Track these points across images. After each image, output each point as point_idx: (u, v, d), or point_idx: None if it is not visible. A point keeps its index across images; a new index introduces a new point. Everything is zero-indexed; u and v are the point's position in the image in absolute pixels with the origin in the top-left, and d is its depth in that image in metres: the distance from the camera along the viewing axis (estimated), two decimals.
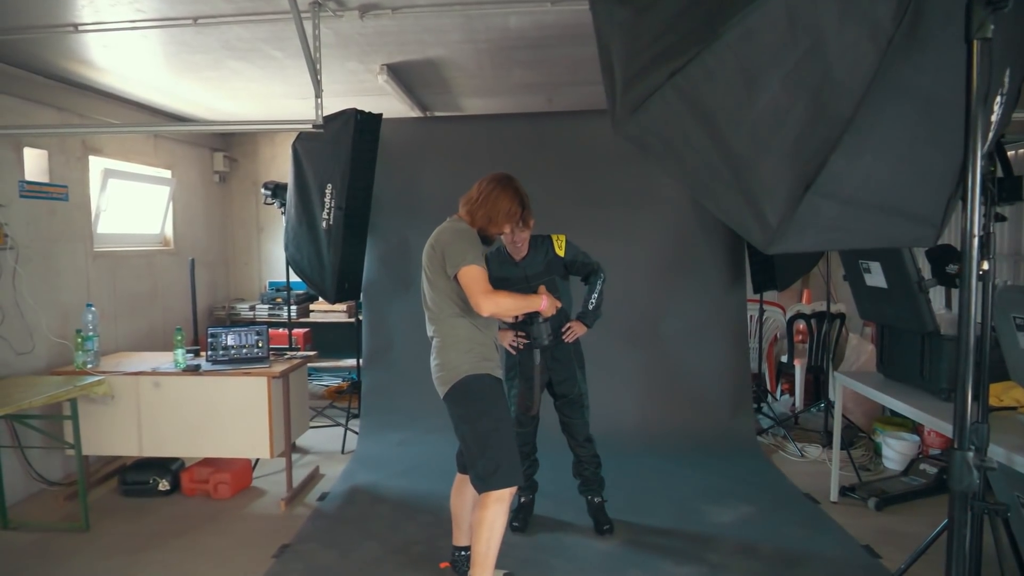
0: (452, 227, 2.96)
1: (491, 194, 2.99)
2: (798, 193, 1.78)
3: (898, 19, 1.58)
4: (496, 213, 2.99)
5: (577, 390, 3.79)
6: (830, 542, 3.72)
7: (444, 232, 2.95)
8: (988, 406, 3.14)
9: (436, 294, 2.93)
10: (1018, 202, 2.52)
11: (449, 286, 2.88)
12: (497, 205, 2.99)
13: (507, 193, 3.01)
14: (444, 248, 2.86)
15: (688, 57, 1.71)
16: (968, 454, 1.54)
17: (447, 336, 2.94)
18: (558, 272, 3.70)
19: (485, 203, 2.98)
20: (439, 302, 2.93)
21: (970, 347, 1.55)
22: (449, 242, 2.87)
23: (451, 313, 2.92)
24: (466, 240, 2.87)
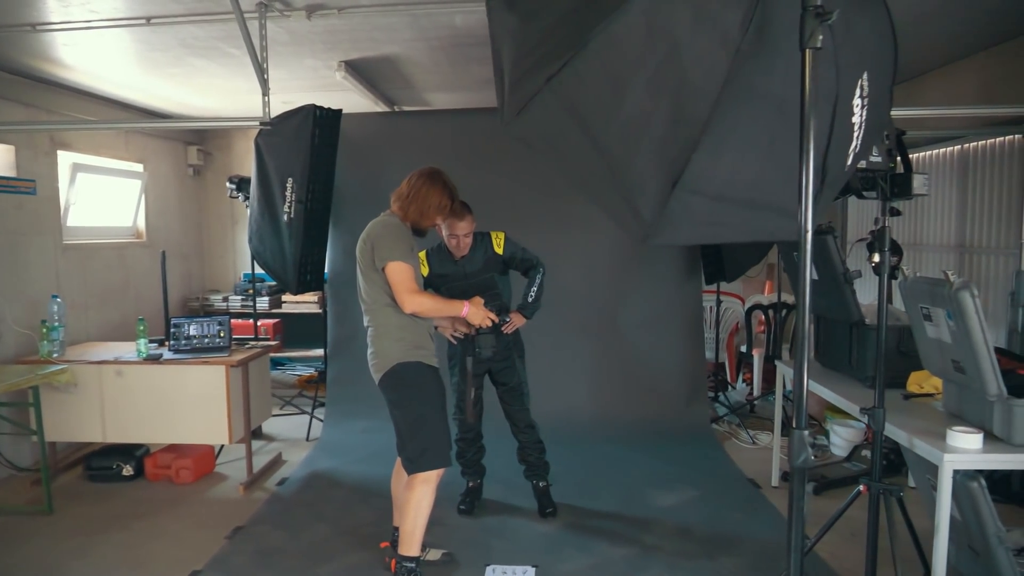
0: (384, 221, 3.09)
1: (421, 189, 3.10)
2: (668, 189, 1.89)
3: (744, 27, 1.69)
4: (427, 207, 3.11)
5: (516, 378, 3.92)
6: (764, 524, 3.85)
7: (376, 226, 3.08)
8: (906, 393, 3.29)
9: (368, 285, 3.07)
10: (909, 198, 2.63)
11: (380, 278, 3.00)
12: (428, 199, 3.10)
13: (436, 187, 3.11)
14: (374, 241, 3.00)
15: (562, 63, 1.83)
16: (804, 433, 1.65)
17: (380, 325, 3.08)
18: (496, 269, 3.83)
19: (416, 198, 3.09)
20: (371, 293, 3.06)
21: (805, 334, 1.67)
22: (379, 235, 3.01)
23: (383, 303, 3.05)
24: (395, 235, 3.01)
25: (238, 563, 3.50)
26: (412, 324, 3.08)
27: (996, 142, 4.67)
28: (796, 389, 1.71)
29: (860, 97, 1.92)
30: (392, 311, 3.04)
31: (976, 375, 2.64)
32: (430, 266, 3.80)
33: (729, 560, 3.47)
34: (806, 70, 1.61)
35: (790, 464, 1.68)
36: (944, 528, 2.52)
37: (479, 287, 3.70)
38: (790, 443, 1.66)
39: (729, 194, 1.92)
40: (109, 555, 3.61)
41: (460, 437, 3.98)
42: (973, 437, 2.55)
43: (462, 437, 4.00)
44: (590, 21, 1.78)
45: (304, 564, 3.45)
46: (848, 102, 1.87)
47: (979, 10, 3.85)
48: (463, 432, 3.99)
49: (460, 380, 3.79)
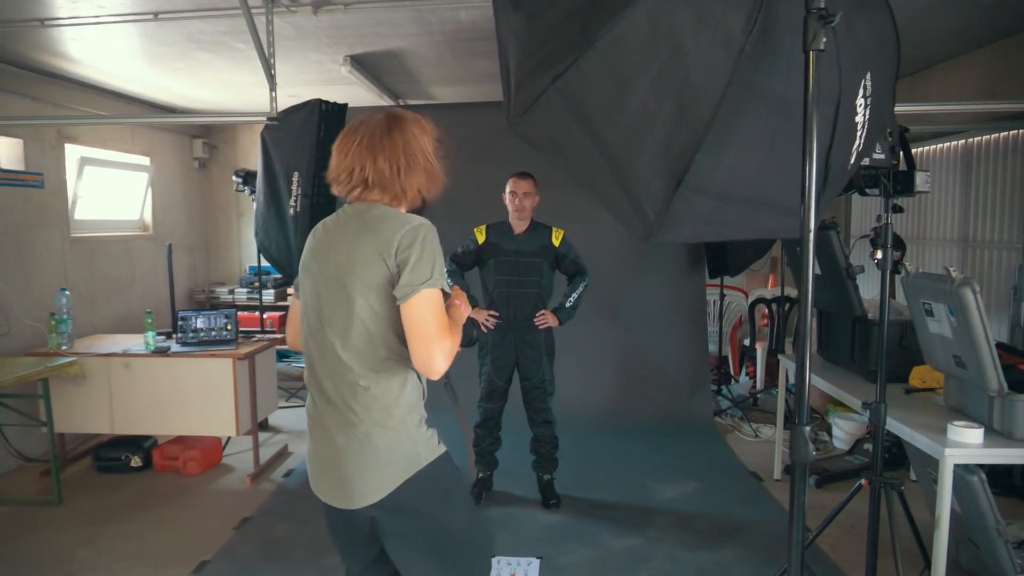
0: (399, 219, 1.82)
1: (412, 144, 1.89)
2: (671, 188, 1.92)
3: (748, 29, 1.71)
4: (430, 164, 1.93)
5: (540, 375, 3.98)
6: (765, 516, 3.89)
7: (389, 225, 1.79)
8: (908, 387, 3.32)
9: (367, 322, 1.78)
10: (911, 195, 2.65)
11: (388, 314, 1.77)
12: (426, 151, 1.94)
13: (419, 126, 1.95)
14: (402, 254, 1.75)
15: (568, 63, 1.85)
16: (806, 429, 1.68)
17: (381, 397, 1.80)
18: (547, 258, 3.96)
19: (412, 165, 1.87)
20: (370, 336, 1.78)
21: (807, 331, 1.69)
22: (414, 244, 1.76)
23: (382, 356, 1.80)
24: (436, 243, 1.81)
25: (246, 553, 3.55)
26: (419, 384, 1.90)
27: (999, 137, 4.68)
28: (798, 384, 1.73)
29: (863, 97, 1.94)
30: (400, 368, 1.82)
31: (977, 370, 2.67)
32: (487, 236, 3.97)
33: (731, 551, 3.50)
34: (809, 72, 1.63)
35: (791, 459, 1.71)
36: (945, 521, 2.55)
37: (528, 267, 3.91)
38: (792, 438, 1.69)
39: (731, 193, 1.95)
40: (118, 545, 3.66)
41: (480, 423, 4.05)
42: (974, 432, 2.58)
43: (482, 424, 4.06)
44: (595, 22, 1.80)
45: (311, 555, 3.50)
46: (851, 102, 1.89)
47: (982, 5, 3.86)
48: (484, 418, 4.05)
49: (492, 370, 3.98)
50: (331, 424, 1.83)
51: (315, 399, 1.88)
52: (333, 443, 1.83)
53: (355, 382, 1.79)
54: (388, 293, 1.76)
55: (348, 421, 1.81)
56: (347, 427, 1.81)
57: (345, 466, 1.83)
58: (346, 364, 1.80)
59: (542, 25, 1.97)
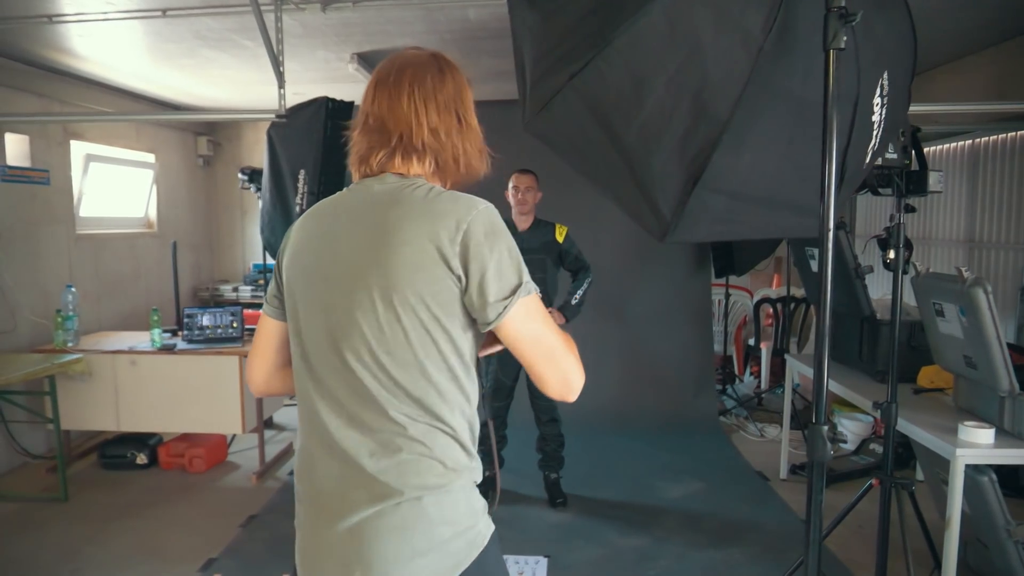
0: (458, 201, 1.29)
1: (462, 100, 1.41)
2: (687, 187, 1.92)
3: (767, 29, 1.71)
4: (474, 132, 1.43)
5: None
6: (772, 516, 3.89)
7: (447, 208, 1.26)
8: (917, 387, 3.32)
9: (418, 344, 1.26)
10: (924, 195, 2.65)
11: (455, 326, 1.28)
12: (471, 109, 1.44)
13: (460, 74, 1.45)
14: (481, 250, 1.24)
15: (584, 61, 1.85)
16: (823, 428, 1.68)
17: (434, 449, 1.29)
18: (551, 255, 3.97)
19: (468, 126, 1.40)
20: (420, 364, 1.27)
21: (826, 330, 1.69)
22: (490, 238, 1.26)
23: (448, 388, 1.30)
24: (509, 236, 1.32)
25: (252, 551, 3.55)
26: (477, 426, 1.43)
27: (1006, 137, 4.68)
28: (816, 384, 1.73)
29: (880, 96, 1.93)
30: (458, 405, 1.32)
31: (988, 370, 2.67)
32: None
33: (739, 551, 3.50)
34: (829, 71, 1.63)
35: (808, 459, 1.71)
36: (956, 522, 2.55)
37: (532, 264, 3.81)
38: (809, 437, 1.69)
39: (747, 192, 1.95)
40: (125, 542, 3.66)
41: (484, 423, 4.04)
42: (985, 432, 2.58)
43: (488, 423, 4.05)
44: (613, 20, 1.79)
45: None
46: (868, 101, 1.89)
47: (990, 5, 3.85)
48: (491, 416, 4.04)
49: (498, 367, 3.96)
50: (353, 496, 1.27)
51: (318, 460, 1.32)
52: (354, 524, 1.26)
53: (397, 431, 1.26)
54: (449, 301, 1.25)
55: (383, 490, 1.25)
56: (380, 498, 1.25)
57: (375, 554, 1.25)
58: (381, 406, 1.26)
59: (559, 23, 1.96)
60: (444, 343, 1.27)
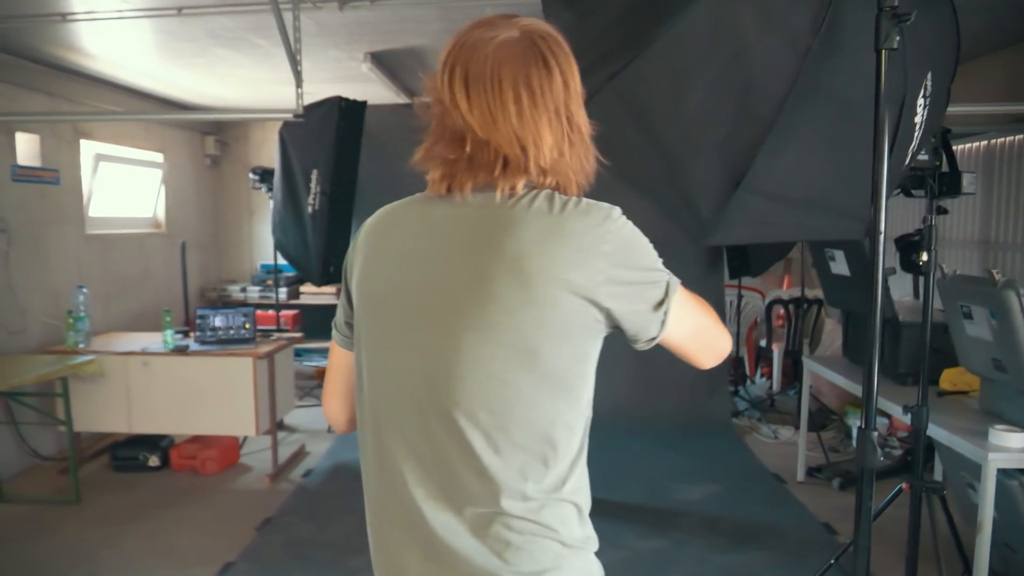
0: (589, 210, 1.06)
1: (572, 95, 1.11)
2: (728, 189, 1.89)
3: (815, 28, 1.69)
4: (585, 135, 1.14)
5: None
6: (791, 519, 3.87)
7: (581, 224, 1.04)
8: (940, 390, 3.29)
9: (543, 395, 1.04)
10: (957, 196, 2.63)
11: (588, 376, 1.11)
12: (581, 110, 1.14)
13: (562, 58, 1.11)
14: (622, 273, 1.05)
15: (624, 62, 1.82)
16: (873, 434, 1.66)
17: (551, 521, 1.07)
18: None
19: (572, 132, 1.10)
20: (546, 416, 1.05)
21: (876, 335, 1.67)
22: (630, 254, 1.08)
23: (566, 457, 1.08)
24: (643, 237, 1.13)
25: (270, 555, 3.51)
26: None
27: (1021, 138, 4.66)
28: (865, 389, 1.71)
29: (923, 97, 1.91)
30: (579, 459, 1.11)
31: (1019, 373, 2.65)
32: None
33: (759, 554, 3.48)
34: (881, 71, 1.60)
35: (857, 465, 1.68)
36: (987, 526, 2.52)
37: None
38: (859, 444, 1.66)
39: (787, 194, 1.92)
40: (140, 545, 3.63)
41: None
42: (1017, 436, 2.56)
43: None
44: (654, 20, 1.77)
45: (336, 556, 3.47)
46: (913, 102, 1.87)
47: (1006, 6, 3.83)
48: None
49: None
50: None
51: (399, 543, 1.11)
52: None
53: (507, 506, 1.03)
54: (587, 338, 1.07)
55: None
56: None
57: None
58: (489, 475, 1.03)
59: (596, 23, 1.94)
60: (580, 388, 1.07)
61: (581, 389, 1.08)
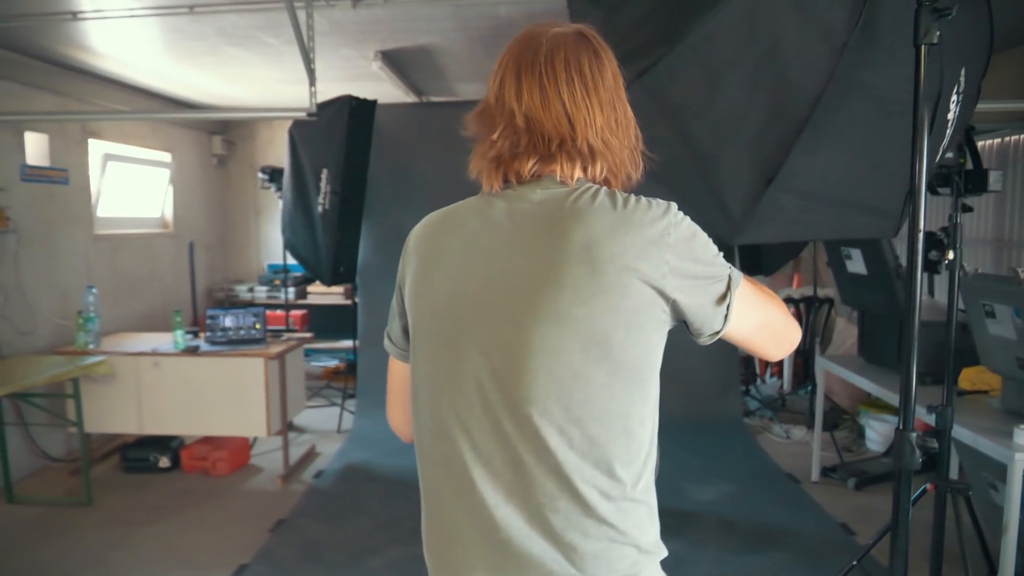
0: (647, 204, 1.06)
1: (620, 90, 1.17)
2: (759, 187, 1.87)
3: (852, 24, 1.66)
4: (633, 127, 1.19)
5: None
6: (808, 520, 3.84)
7: (644, 216, 1.04)
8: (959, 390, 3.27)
9: (620, 390, 1.04)
10: (984, 194, 2.61)
11: (657, 370, 1.12)
12: (627, 104, 1.18)
13: (611, 56, 1.17)
14: (686, 265, 1.05)
15: (655, 58, 1.80)
16: (911, 435, 1.63)
17: (621, 523, 1.05)
18: None
19: (628, 120, 1.18)
20: (621, 410, 1.05)
21: (915, 334, 1.64)
22: (693, 239, 1.07)
23: (641, 455, 1.08)
24: (702, 232, 1.11)
25: (284, 557, 3.49)
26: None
27: None
28: (903, 389, 1.68)
29: (956, 93, 1.89)
30: (650, 475, 1.11)
31: None
32: None
33: (777, 556, 3.45)
34: (920, 67, 1.57)
35: (895, 466, 1.66)
36: (1014, 527, 2.50)
37: None
38: (897, 445, 1.64)
39: (820, 192, 1.90)
40: (153, 547, 3.61)
41: None
42: None
43: None
44: (686, 15, 1.74)
45: (350, 558, 3.44)
46: (947, 98, 1.84)
47: (1019, 2, 3.80)
48: None
49: None
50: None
51: (468, 545, 1.07)
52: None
53: (583, 511, 1.01)
54: (655, 330, 1.06)
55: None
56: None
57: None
58: (566, 476, 1.01)
59: (625, 19, 1.91)
60: (651, 381, 1.07)
61: (652, 382, 1.08)
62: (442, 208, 1.18)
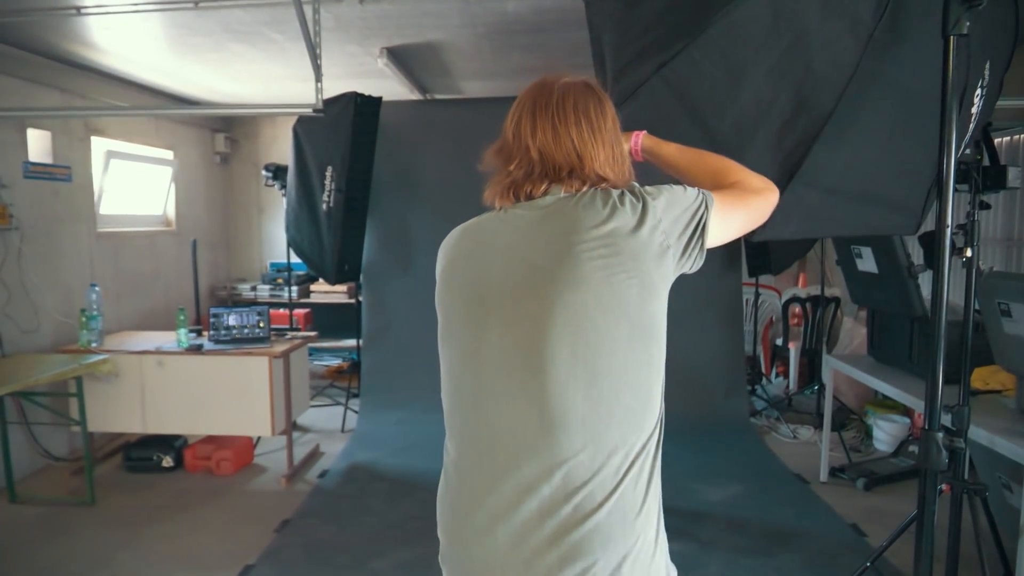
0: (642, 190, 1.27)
1: (613, 134, 1.34)
2: (782, 182, 1.83)
3: (879, 14, 1.63)
4: (628, 162, 1.42)
5: None
6: (818, 521, 3.81)
7: (628, 193, 1.25)
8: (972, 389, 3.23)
9: (644, 358, 1.19)
10: (1002, 190, 2.57)
11: (660, 333, 1.22)
12: (622, 142, 1.40)
13: (610, 103, 1.37)
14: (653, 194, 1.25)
15: (675, 50, 1.76)
16: (938, 435, 1.60)
17: (629, 497, 1.15)
18: None
19: (621, 158, 1.36)
20: (642, 382, 1.18)
21: (942, 333, 1.61)
22: (656, 191, 1.27)
23: (658, 413, 1.20)
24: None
25: (290, 557, 3.45)
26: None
27: None
28: (929, 389, 1.65)
29: (981, 87, 1.86)
30: (658, 438, 1.21)
31: None
32: None
33: (788, 557, 3.42)
34: (950, 58, 1.54)
35: (920, 467, 1.63)
36: None
37: None
38: (923, 445, 1.60)
39: (843, 187, 1.87)
40: (158, 548, 3.57)
41: None
42: None
43: None
44: (708, 7, 1.71)
45: (357, 559, 3.40)
46: (972, 92, 1.81)
47: None
48: None
49: None
50: (533, 560, 1.12)
51: (481, 513, 1.19)
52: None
53: (607, 476, 1.11)
54: (665, 275, 1.21)
55: (572, 553, 1.11)
56: (567, 561, 1.11)
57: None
58: (587, 429, 1.12)
59: (645, 11, 1.88)
60: (662, 338, 1.21)
61: (662, 340, 1.21)
62: (466, 222, 1.33)
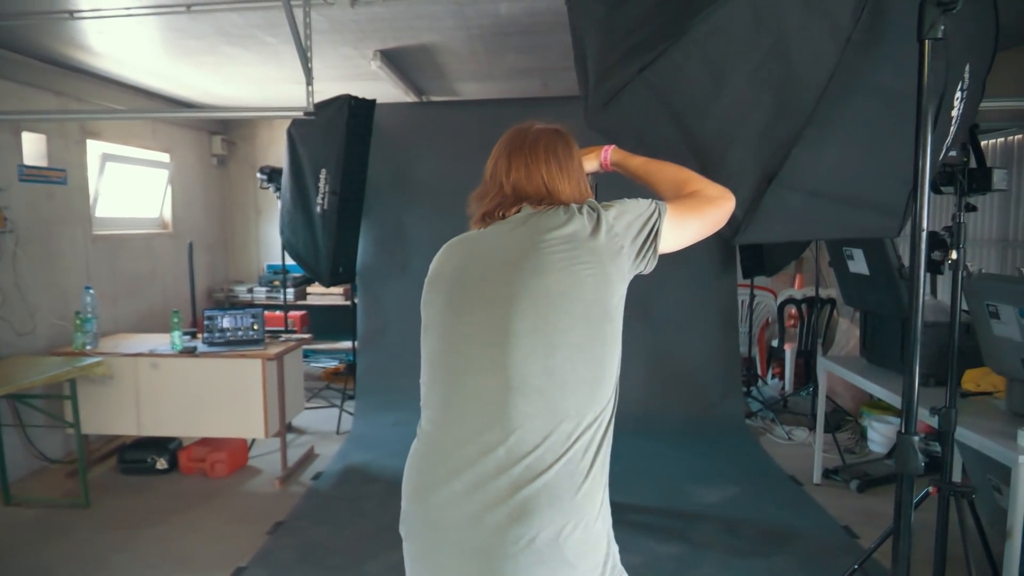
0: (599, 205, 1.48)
1: (577, 172, 1.57)
2: (763, 185, 1.84)
3: (856, 17, 1.63)
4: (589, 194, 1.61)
5: None
6: (811, 522, 3.81)
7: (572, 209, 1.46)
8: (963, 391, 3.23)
9: (598, 334, 1.39)
10: (988, 192, 2.57)
11: (615, 318, 1.42)
12: (585, 179, 1.63)
13: (575, 146, 1.60)
14: (608, 213, 1.45)
15: (657, 52, 1.77)
16: (913, 438, 1.61)
17: (580, 461, 1.33)
18: None
19: (583, 191, 1.57)
20: (600, 358, 1.38)
21: (918, 336, 1.61)
22: (612, 203, 1.48)
23: (612, 386, 1.42)
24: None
25: (282, 559, 3.46)
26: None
27: None
28: (906, 392, 1.65)
29: (960, 90, 1.86)
30: (611, 409, 1.43)
31: None
32: None
33: (782, 559, 3.42)
34: (924, 61, 1.55)
35: (898, 471, 1.63)
36: (1018, 530, 2.47)
37: None
38: (899, 449, 1.61)
39: (826, 190, 1.87)
40: (151, 549, 3.58)
41: None
42: None
43: None
44: (690, 9, 1.71)
45: (349, 561, 3.41)
46: (951, 94, 1.82)
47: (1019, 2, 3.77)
48: None
49: None
50: (491, 520, 1.27)
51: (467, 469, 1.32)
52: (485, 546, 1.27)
53: (558, 440, 1.30)
54: (616, 272, 1.42)
55: (523, 510, 1.28)
56: (517, 520, 1.28)
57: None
58: (546, 398, 1.31)
59: (627, 14, 1.89)
60: (618, 319, 1.42)
61: (617, 323, 1.42)
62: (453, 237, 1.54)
